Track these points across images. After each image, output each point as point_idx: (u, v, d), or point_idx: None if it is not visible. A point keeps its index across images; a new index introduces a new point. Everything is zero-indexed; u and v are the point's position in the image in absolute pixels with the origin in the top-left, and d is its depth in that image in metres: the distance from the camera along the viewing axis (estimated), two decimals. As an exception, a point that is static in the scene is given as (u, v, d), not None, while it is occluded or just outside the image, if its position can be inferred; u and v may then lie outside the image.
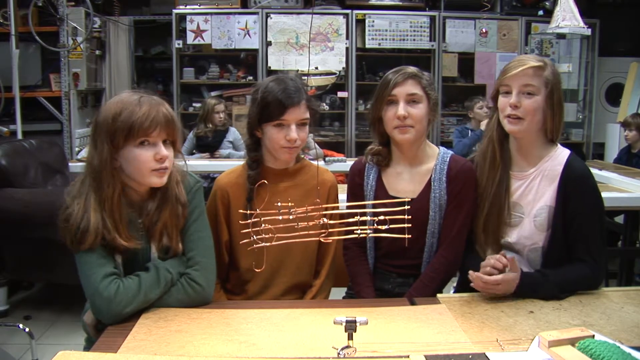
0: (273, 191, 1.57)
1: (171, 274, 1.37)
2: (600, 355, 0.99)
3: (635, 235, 3.21)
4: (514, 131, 1.51)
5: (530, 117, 1.47)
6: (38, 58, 4.63)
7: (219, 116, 4.33)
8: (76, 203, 1.33)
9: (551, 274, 1.43)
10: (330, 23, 4.84)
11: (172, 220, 1.39)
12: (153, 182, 1.35)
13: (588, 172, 1.51)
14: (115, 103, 1.31)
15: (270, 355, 1.12)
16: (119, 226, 1.32)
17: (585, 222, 1.48)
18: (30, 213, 2.71)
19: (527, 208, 1.53)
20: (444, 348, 1.13)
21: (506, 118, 1.50)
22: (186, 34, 4.81)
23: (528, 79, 1.47)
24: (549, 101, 1.48)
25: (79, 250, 1.31)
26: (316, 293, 1.66)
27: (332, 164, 3.74)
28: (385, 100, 1.58)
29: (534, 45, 5.03)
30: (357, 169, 1.72)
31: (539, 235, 1.52)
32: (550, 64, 1.52)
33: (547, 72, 1.48)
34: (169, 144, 1.36)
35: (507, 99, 1.49)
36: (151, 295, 1.33)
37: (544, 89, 1.47)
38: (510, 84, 1.49)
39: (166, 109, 1.35)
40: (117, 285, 1.29)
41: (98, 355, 1.11)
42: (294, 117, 1.53)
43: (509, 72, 1.49)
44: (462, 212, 1.59)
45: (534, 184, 1.53)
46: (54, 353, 1.08)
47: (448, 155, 1.64)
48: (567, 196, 1.48)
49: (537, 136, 1.53)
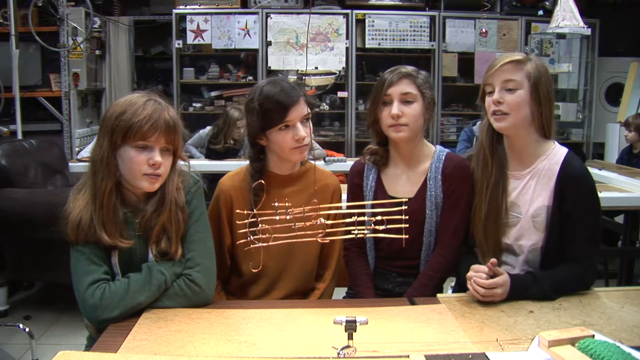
0: (277, 196, 1.54)
1: (164, 275, 1.34)
2: (600, 355, 0.98)
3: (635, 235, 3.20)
4: (500, 128, 1.50)
5: (514, 111, 1.46)
6: (38, 58, 4.63)
7: (239, 131, 4.05)
8: (75, 195, 1.36)
9: (540, 275, 1.43)
10: (330, 23, 4.84)
11: (171, 226, 1.38)
12: (143, 186, 1.35)
13: (586, 172, 1.50)
14: (123, 102, 1.33)
15: (270, 355, 1.12)
16: (106, 223, 1.33)
17: (579, 222, 1.47)
18: (30, 213, 2.71)
19: (524, 208, 1.53)
20: (444, 348, 1.13)
21: (492, 116, 1.50)
22: (186, 34, 4.81)
23: (508, 74, 1.46)
24: (534, 94, 1.46)
25: (72, 243, 1.34)
26: (320, 297, 1.65)
27: (332, 164, 3.75)
28: (381, 100, 1.58)
29: (534, 45, 5.03)
30: (356, 170, 1.72)
31: (538, 236, 1.51)
32: (534, 58, 1.51)
33: (529, 65, 1.47)
34: (168, 151, 1.36)
35: (491, 96, 1.49)
36: (140, 298, 1.31)
37: (527, 83, 1.46)
38: (492, 82, 1.49)
39: (170, 114, 1.34)
40: (103, 290, 1.29)
41: (98, 355, 1.11)
42: (297, 115, 1.52)
43: (489, 70, 1.50)
44: (459, 210, 1.59)
45: (531, 183, 1.52)
46: (54, 353, 1.08)
47: (444, 153, 1.65)
48: (563, 195, 1.47)
49: (529, 133, 1.51)
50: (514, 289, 1.38)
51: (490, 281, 1.35)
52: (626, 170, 3.47)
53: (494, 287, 1.36)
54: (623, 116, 4.80)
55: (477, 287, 1.36)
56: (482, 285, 1.35)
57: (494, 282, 1.36)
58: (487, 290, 1.35)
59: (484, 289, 1.35)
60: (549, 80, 1.49)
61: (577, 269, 1.46)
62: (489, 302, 1.37)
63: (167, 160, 1.36)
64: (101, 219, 1.32)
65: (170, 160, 1.37)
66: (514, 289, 1.38)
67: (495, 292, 1.36)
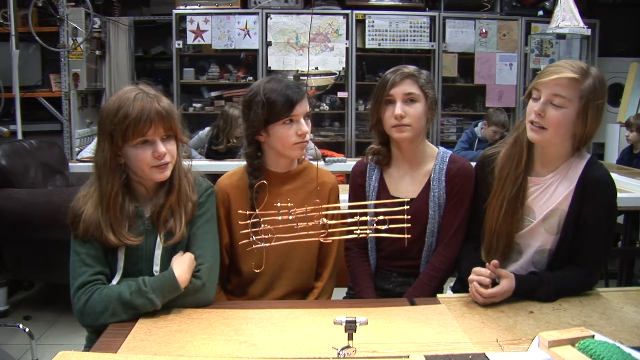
0: (275, 194, 1.56)
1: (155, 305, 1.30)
2: (600, 356, 0.98)
3: (635, 235, 3.21)
4: (534, 139, 1.43)
5: (553, 129, 1.38)
6: (38, 58, 4.63)
7: (241, 129, 4.05)
8: (85, 190, 1.38)
9: (547, 277, 1.42)
10: (330, 23, 4.84)
11: (179, 206, 1.40)
12: (155, 177, 1.37)
13: (608, 178, 1.45)
14: (114, 100, 1.34)
15: (270, 355, 1.12)
16: (114, 223, 1.34)
17: (595, 228, 1.43)
18: (30, 213, 2.71)
19: (539, 212, 1.49)
20: (444, 348, 1.13)
21: (529, 124, 1.42)
22: (186, 34, 4.80)
23: (560, 89, 1.36)
24: (581, 116, 1.36)
25: (73, 235, 1.36)
26: (318, 295, 1.66)
27: (332, 164, 3.75)
28: (383, 100, 1.59)
29: (534, 45, 5.03)
30: (359, 170, 1.72)
31: (548, 238, 1.49)
32: (594, 74, 1.38)
33: (586, 83, 1.36)
34: (169, 138, 1.37)
35: (536, 104, 1.41)
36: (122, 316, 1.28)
37: (578, 103, 1.36)
38: (540, 89, 1.40)
39: (160, 103, 1.34)
40: (89, 296, 1.30)
41: (98, 356, 1.11)
42: (302, 110, 1.54)
43: (542, 77, 1.40)
44: (461, 211, 1.60)
45: (551, 188, 1.48)
46: (54, 353, 1.08)
47: (447, 155, 1.65)
48: (583, 200, 1.43)
49: (563, 145, 1.45)
50: (519, 290, 1.38)
51: (489, 291, 1.35)
52: (626, 170, 3.47)
53: (493, 296, 1.36)
54: (623, 116, 4.80)
55: (477, 296, 1.36)
56: (482, 294, 1.35)
57: (493, 292, 1.35)
58: (486, 299, 1.36)
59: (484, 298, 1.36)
60: (602, 99, 1.39)
61: (583, 273, 1.45)
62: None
63: (172, 146, 1.38)
64: (109, 220, 1.34)
65: (174, 145, 1.39)
66: (520, 290, 1.38)
67: (495, 300, 1.36)
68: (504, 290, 1.36)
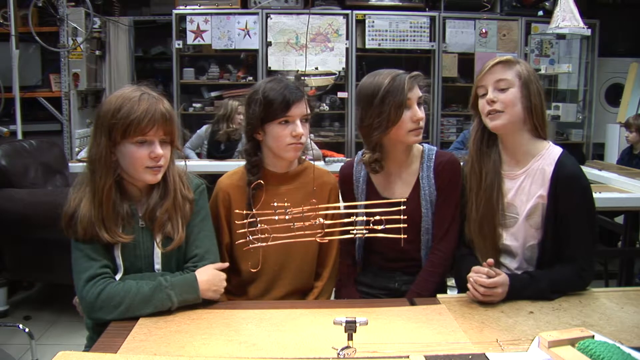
0: (274, 194, 1.57)
1: (172, 302, 1.32)
2: (600, 356, 0.98)
3: (635, 236, 3.21)
4: (496, 126, 1.51)
5: (509, 109, 1.48)
6: (38, 58, 4.63)
7: (239, 117, 4.08)
8: (75, 191, 1.37)
9: (537, 275, 1.45)
10: (330, 23, 4.84)
11: (175, 212, 1.40)
12: (147, 179, 1.37)
13: (579, 171, 1.51)
14: (117, 98, 1.34)
15: (270, 355, 1.12)
16: (106, 220, 1.34)
17: (574, 222, 1.47)
18: (30, 213, 2.71)
19: (522, 208, 1.53)
20: (444, 348, 1.13)
21: (487, 116, 1.52)
22: (186, 35, 4.80)
23: (499, 74, 1.50)
24: (525, 93, 1.49)
25: (72, 238, 1.35)
26: (318, 295, 1.66)
27: (332, 165, 3.74)
28: (404, 104, 1.55)
29: (534, 45, 5.03)
30: (345, 174, 1.73)
31: (534, 234, 1.53)
32: (522, 61, 1.55)
33: (518, 66, 1.51)
34: (166, 142, 1.37)
35: (485, 98, 1.52)
36: (137, 312, 1.29)
37: (518, 81, 1.49)
38: (484, 84, 1.53)
39: (164, 106, 1.35)
40: (101, 288, 1.30)
41: (98, 356, 1.11)
42: (298, 112, 1.54)
43: (480, 73, 1.54)
44: (452, 204, 1.62)
45: (526, 183, 1.53)
46: (54, 353, 1.09)
47: (433, 151, 1.67)
48: (558, 195, 1.48)
49: (522, 132, 1.53)
50: (511, 288, 1.39)
51: (491, 280, 1.36)
52: (626, 170, 3.47)
53: (494, 286, 1.36)
54: (623, 117, 4.80)
55: (477, 287, 1.36)
56: (483, 284, 1.36)
57: (494, 281, 1.36)
58: (487, 289, 1.36)
59: (484, 288, 1.36)
60: (538, 81, 1.53)
61: (574, 268, 1.46)
62: (488, 303, 1.37)
63: (167, 151, 1.38)
64: (101, 216, 1.33)
65: (169, 150, 1.39)
66: (511, 289, 1.39)
67: (496, 291, 1.37)
68: (503, 280, 1.37)
